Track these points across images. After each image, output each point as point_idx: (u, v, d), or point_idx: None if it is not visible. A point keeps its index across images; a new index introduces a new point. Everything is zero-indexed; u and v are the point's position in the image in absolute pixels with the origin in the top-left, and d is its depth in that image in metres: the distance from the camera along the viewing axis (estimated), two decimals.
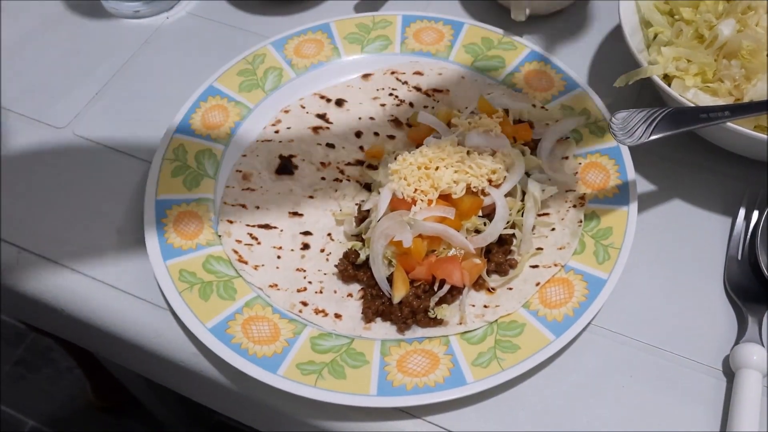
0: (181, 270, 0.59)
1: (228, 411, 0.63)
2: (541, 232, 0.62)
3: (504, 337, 0.56)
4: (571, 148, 0.68)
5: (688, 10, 0.68)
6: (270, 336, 0.56)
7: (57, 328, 0.69)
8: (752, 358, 0.54)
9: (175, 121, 0.69)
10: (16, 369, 1.74)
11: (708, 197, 0.67)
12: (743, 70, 0.63)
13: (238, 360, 0.54)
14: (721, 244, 0.64)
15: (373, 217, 0.60)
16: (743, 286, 0.60)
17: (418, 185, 0.60)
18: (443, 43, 0.77)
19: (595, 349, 0.58)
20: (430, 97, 0.73)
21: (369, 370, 0.54)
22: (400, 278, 0.57)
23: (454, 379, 0.53)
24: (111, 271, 0.62)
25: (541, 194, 0.62)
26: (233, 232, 0.63)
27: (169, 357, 0.59)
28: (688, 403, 0.55)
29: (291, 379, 0.53)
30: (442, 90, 0.74)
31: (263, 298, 0.59)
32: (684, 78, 0.65)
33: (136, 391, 1.21)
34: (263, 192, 0.66)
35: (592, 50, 0.79)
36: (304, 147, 0.70)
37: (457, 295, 0.59)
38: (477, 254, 0.59)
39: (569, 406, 0.55)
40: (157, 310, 0.60)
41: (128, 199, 0.67)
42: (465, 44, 0.76)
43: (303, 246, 0.63)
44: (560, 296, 0.58)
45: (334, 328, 0.58)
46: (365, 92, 0.74)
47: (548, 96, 0.72)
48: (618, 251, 0.59)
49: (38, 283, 0.62)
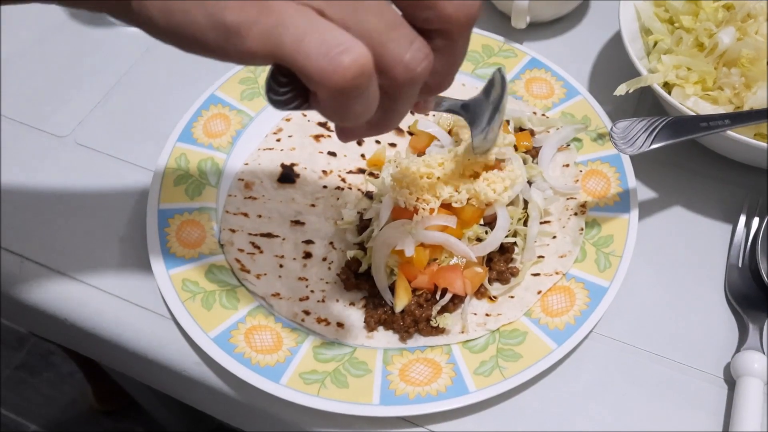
0: (184, 279, 0.59)
1: (230, 420, 0.63)
2: (543, 240, 0.63)
3: (506, 345, 0.56)
4: (572, 156, 0.68)
5: (688, 18, 0.68)
6: (273, 345, 0.56)
7: (60, 337, 0.69)
8: (753, 365, 0.55)
9: (177, 129, 0.70)
10: (18, 373, 1.75)
11: (708, 204, 0.67)
12: (743, 78, 0.64)
13: (241, 369, 0.54)
14: (721, 251, 0.64)
15: (374, 226, 0.60)
16: (744, 294, 0.61)
17: (420, 194, 0.60)
18: None
19: (596, 357, 0.58)
20: None
21: (371, 379, 0.55)
22: (402, 287, 0.57)
23: (456, 388, 0.54)
24: (114, 280, 0.62)
25: (543, 202, 0.63)
26: (235, 241, 0.63)
27: (171, 366, 0.59)
28: (689, 411, 0.55)
29: (294, 388, 0.54)
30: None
31: (266, 307, 0.59)
32: (684, 86, 0.65)
33: (138, 396, 1.21)
34: (265, 201, 0.66)
35: (592, 58, 0.80)
36: (306, 155, 0.70)
37: (459, 304, 0.59)
38: (479, 263, 0.59)
39: (571, 414, 0.55)
40: (159, 319, 0.60)
41: (130, 208, 0.67)
42: None
43: (305, 255, 0.63)
44: (562, 304, 0.58)
45: (337, 337, 0.58)
46: None
47: (549, 103, 0.72)
48: (619, 259, 0.60)
49: (41, 292, 0.63)
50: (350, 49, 0.33)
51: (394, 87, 0.37)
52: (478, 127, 0.55)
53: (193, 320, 0.57)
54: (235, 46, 0.34)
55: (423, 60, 0.36)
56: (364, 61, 0.33)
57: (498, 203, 0.60)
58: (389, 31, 0.35)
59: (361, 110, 0.36)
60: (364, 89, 0.34)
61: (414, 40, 0.36)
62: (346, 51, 0.33)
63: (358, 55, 0.33)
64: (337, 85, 0.33)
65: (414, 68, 0.36)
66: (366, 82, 0.34)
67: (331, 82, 0.33)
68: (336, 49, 0.33)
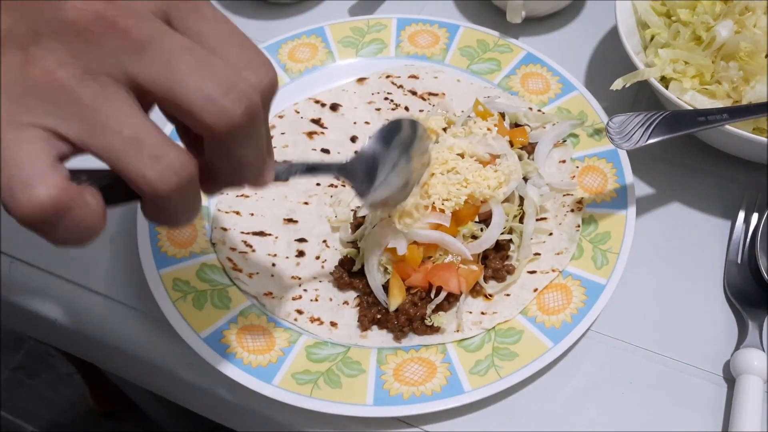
0: (175, 279, 0.59)
1: (223, 420, 0.63)
2: (539, 238, 0.62)
3: (502, 344, 0.55)
4: (568, 152, 0.67)
5: (685, 11, 0.67)
6: (265, 345, 0.56)
7: (50, 337, 0.69)
8: (753, 363, 0.54)
9: (168, 128, 0.69)
10: (16, 375, 1.74)
11: (707, 200, 0.66)
12: (741, 72, 0.63)
13: (232, 370, 0.54)
14: (720, 247, 0.63)
15: (368, 224, 0.60)
16: (743, 291, 0.60)
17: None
18: (439, 46, 0.76)
19: (594, 355, 0.57)
20: (426, 101, 0.73)
21: (365, 379, 0.54)
22: (396, 286, 0.57)
23: (451, 388, 0.53)
24: (104, 280, 0.62)
25: (539, 199, 0.62)
26: (227, 240, 0.62)
27: (163, 367, 0.58)
28: (688, 409, 0.55)
29: (286, 389, 0.53)
30: (438, 94, 0.73)
31: (258, 306, 0.59)
32: (682, 80, 0.64)
33: (136, 397, 1.20)
34: (257, 199, 0.66)
35: (588, 52, 0.79)
36: (299, 152, 0.69)
37: (454, 302, 0.58)
38: (474, 260, 0.58)
39: (568, 414, 0.54)
40: (150, 319, 0.59)
41: (121, 207, 0.66)
42: (460, 47, 0.76)
43: (298, 253, 0.62)
44: (558, 302, 0.57)
45: (330, 336, 0.57)
46: (360, 96, 0.73)
47: (545, 99, 0.71)
48: (616, 256, 0.59)
49: (30, 293, 0.62)
50: (37, 185, 0.31)
51: (153, 200, 0.34)
52: (376, 180, 0.49)
53: (184, 320, 0.56)
54: None
55: (172, 175, 0.33)
56: (53, 195, 0.31)
57: (493, 200, 0.59)
58: (126, 149, 0.32)
59: (67, 235, 0.33)
60: (59, 218, 0.32)
61: (160, 155, 0.33)
62: (33, 187, 0.31)
63: (46, 192, 0.31)
64: (23, 219, 0.31)
65: (157, 186, 0.33)
66: (55, 214, 0.31)
67: (19, 216, 0.31)
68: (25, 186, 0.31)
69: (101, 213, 0.34)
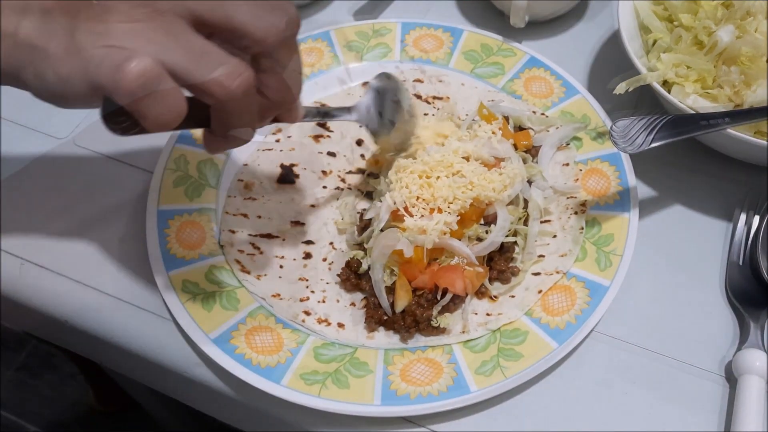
0: (184, 280, 0.59)
1: (231, 420, 0.63)
2: (543, 240, 0.63)
3: (506, 345, 0.56)
4: (571, 155, 0.68)
5: (687, 16, 0.68)
6: (273, 346, 0.56)
7: (60, 339, 0.69)
8: (755, 363, 0.55)
9: (177, 130, 0.69)
10: (18, 375, 1.74)
11: (708, 202, 0.67)
12: (743, 76, 0.63)
13: (241, 370, 0.54)
14: (721, 249, 0.64)
15: (374, 227, 0.60)
16: (744, 291, 0.61)
17: (420, 194, 0.60)
18: (443, 50, 0.77)
19: (597, 355, 0.58)
20: (431, 105, 0.73)
21: (372, 380, 0.55)
22: (402, 287, 0.57)
23: (457, 388, 0.54)
24: (114, 282, 0.62)
25: (543, 201, 0.63)
26: (235, 242, 0.63)
27: (172, 367, 0.59)
28: (690, 409, 0.55)
29: (295, 389, 0.54)
30: (443, 97, 0.74)
31: (266, 307, 0.59)
32: (684, 84, 0.65)
33: (138, 397, 1.21)
34: (265, 201, 0.66)
35: (591, 56, 0.80)
36: (305, 156, 0.70)
37: (459, 304, 0.59)
38: (479, 263, 0.59)
39: (572, 413, 0.55)
40: (160, 320, 0.60)
41: (130, 210, 0.67)
42: (464, 51, 0.77)
43: (305, 255, 0.63)
44: (562, 303, 0.58)
45: (337, 337, 0.58)
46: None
47: (548, 102, 0.72)
48: (619, 258, 0.60)
49: (41, 294, 0.63)
50: (131, 57, 0.39)
51: (220, 103, 0.43)
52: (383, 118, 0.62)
53: (193, 321, 0.57)
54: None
55: (236, 77, 0.42)
56: (147, 67, 0.39)
57: (498, 203, 0.60)
58: (197, 60, 0.41)
59: (159, 112, 0.41)
60: (153, 88, 0.40)
61: (224, 62, 0.42)
62: (128, 59, 0.39)
63: (139, 62, 0.39)
64: (127, 85, 0.40)
65: (228, 85, 0.41)
66: (149, 83, 0.40)
67: (124, 85, 0.40)
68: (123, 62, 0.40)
69: (183, 97, 0.41)
